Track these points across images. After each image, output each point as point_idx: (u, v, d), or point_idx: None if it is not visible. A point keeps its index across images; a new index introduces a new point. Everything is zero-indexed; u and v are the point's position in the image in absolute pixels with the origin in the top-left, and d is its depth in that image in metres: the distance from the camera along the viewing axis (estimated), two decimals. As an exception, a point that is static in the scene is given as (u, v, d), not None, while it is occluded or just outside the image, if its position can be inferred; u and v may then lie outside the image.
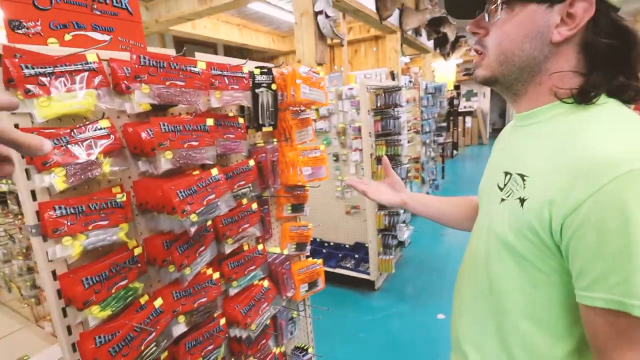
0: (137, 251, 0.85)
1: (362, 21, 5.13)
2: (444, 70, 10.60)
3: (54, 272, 0.74)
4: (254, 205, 1.18)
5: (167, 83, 0.82)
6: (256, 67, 1.16)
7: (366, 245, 2.95)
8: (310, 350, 1.59)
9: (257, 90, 1.16)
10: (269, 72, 1.19)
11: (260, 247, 1.24)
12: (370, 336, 2.41)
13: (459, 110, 10.51)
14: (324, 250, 3.18)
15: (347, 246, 3.18)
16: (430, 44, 7.91)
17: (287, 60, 8.36)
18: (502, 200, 0.62)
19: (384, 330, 2.47)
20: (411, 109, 4.17)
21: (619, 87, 0.57)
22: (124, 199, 0.82)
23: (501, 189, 0.64)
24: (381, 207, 2.83)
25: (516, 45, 0.60)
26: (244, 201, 1.15)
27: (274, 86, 1.20)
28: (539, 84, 0.62)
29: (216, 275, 1.05)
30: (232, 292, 1.14)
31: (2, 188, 1.79)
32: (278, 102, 1.25)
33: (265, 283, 1.25)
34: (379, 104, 2.57)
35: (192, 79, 0.88)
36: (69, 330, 0.77)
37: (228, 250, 1.09)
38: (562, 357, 0.60)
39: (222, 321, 1.08)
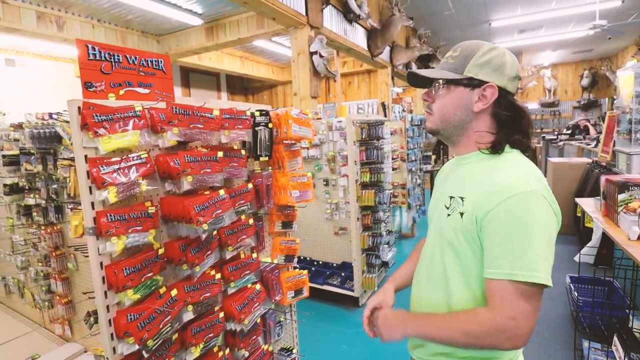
0: (160, 251, 1.12)
1: (355, 57, 5.57)
2: (435, 102, 11.06)
3: (101, 263, 0.99)
4: (251, 221, 1.44)
5: (191, 126, 1.12)
6: (257, 110, 1.46)
7: (352, 264, 3.19)
8: (294, 350, 1.81)
9: (256, 128, 1.45)
10: (267, 114, 1.49)
11: (254, 255, 1.50)
12: (352, 348, 2.61)
13: (449, 139, 10.92)
14: (313, 268, 3.41)
15: (334, 265, 3.40)
16: (420, 77, 8.42)
17: (284, 89, 8.82)
18: (448, 215, 0.88)
19: (365, 343, 2.67)
20: (397, 139, 4.51)
21: (516, 142, 0.89)
22: (154, 210, 1.09)
23: (447, 208, 0.90)
24: (365, 228, 3.09)
25: (451, 112, 0.90)
26: (243, 217, 1.42)
27: (270, 125, 1.50)
28: (467, 137, 0.92)
29: (218, 276, 1.31)
30: (230, 291, 1.38)
31: (28, 202, 2.04)
32: (273, 137, 1.54)
33: (258, 286, 1.49)
34: (363, 136, 2.89)
35: (209, 123, 1.17)
36: (108, 309, 1.02)
37: (228, 256, 1.35)
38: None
39: (221, 315, 1.32)
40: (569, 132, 8.22)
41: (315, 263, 3.51)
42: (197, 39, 4.99)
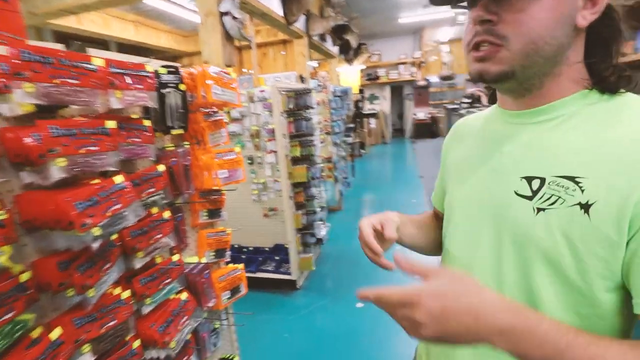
0: (25, 277, 0.73)
1: (270, 25, 5.14)
2: (349, 75, 11.22)
3: None
4: (166, 214, 1.10)
5: (57, 81, 0.72)
6: (162, 66, 1.09)
7: (286, 246, 2.98)
8: (236, 359, 1.54)
9: (163, 91, 1.09)
10: (176, 71, 1.12)
11: (175, 257, 1.17)
12: (295, 335, 2.44)
13: (364, 112, 11.24)
14: (243, 256, 3.11)
15: (267, 249, 3.16)
16: (335, 49, 8.32)
17: (191, 61, 7.93)
18: (539, 210, 0.52)
19: (308, 326, 2.53)
20: (321, 111, 4.33)
21: (625, 78, 0.53)
22: (5, 216, 0.69)
23: (529, 198, 0.53)
24: (299, 206, 2.88)
25: (548, 32, 0.50)
26: (155, 210, 1.07)
27: (182, 86, 1.14)
28: (558, 75, 0.54)
29: (126, 294, 0.96)
30: (146, 310, 1.04)
31: None
32: (188, 104, 1.19)
33: (184, 295, 1.18)
34: (290, 106, 2.62)
35: (87, 77, 0.78)
36: None
37: (139, 264, 1.00)
38: None
39: (137, 343, 0.99)
40: (470, 101, 9.04)
41: (245, 250, 3.21)
42: (72, -5, 4.02)
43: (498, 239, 0.58)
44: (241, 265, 1.50)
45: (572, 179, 0.50)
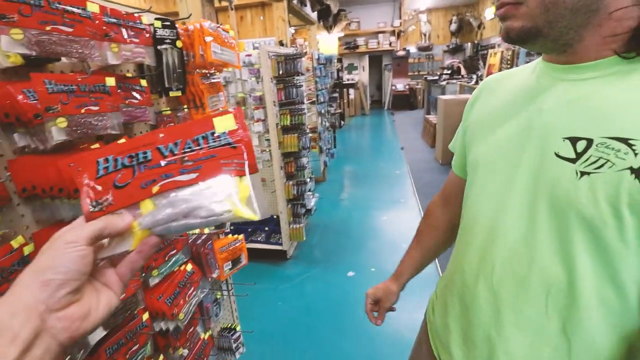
0: (28, 249, 0.66)
1: (248, -15, 4.84)
2: (328, 44, 10.90)
3: None
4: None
5: (48, 28, 0.63)
6: (156, 19, 0.98)
7: (275, 216, 2.95)
8: (238, 328, 1.53)
9: (160, 47, 0.99)
10: (172, 25, 1.02)
11: (178, 228, 1.11)
12: (288, 304, 2.46)
13: (344, 82, 11.05)
14: (232, 227, 3.06)
15: (256, 220, 3.12)
16: (314, 15, 7.99)
17: (163, 24, 7.40)
18: (583, 173, 0.48)
19: (301, 295, 2.56)
20: (307, 79, 4.20)
21: None
22: (-2, 183, 0.62)
23: (572, 160, 0.49)
24: (289, 177, 2.84)
25: None
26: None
27: (179, 43, 1.04)
28: (599, 26, 0.48)
29: (133, 266, 0.90)
30: (153, 282, 1.00)
31: None
32: (185, 63, 1.09)
33: (189, 267, 1.13)
34: (280, 72, 2.51)
35: (82, 25, 0.68)
36: None
37: (144, 235, 0.94)
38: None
39: (145, 316, 0.95)
40: (449, 72, 9.03)
41: (232, 221, 3.16)
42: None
43: (532, 202, 0.54)
44: (241, 236, 1.46)
45: (624, 140, 0.45)
